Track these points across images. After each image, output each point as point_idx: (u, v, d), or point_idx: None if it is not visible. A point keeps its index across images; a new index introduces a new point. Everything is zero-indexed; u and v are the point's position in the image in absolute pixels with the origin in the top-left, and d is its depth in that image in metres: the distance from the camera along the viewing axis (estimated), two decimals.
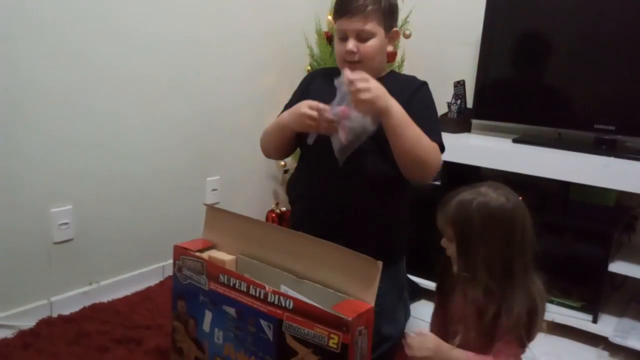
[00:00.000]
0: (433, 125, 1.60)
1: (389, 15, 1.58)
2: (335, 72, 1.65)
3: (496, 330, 1.20)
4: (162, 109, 2.17)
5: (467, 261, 1.23)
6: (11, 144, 1.73)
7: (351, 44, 1.55)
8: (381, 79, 1.63)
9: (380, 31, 1.57)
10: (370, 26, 1.54)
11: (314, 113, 1.47)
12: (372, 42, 1.56)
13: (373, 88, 1.41)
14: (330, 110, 1.45)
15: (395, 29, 1.63)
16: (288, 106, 1.79)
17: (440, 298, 1.43)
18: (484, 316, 1.21)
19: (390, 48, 1.64)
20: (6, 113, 1.71)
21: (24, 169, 1.78)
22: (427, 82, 1.73)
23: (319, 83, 1.74)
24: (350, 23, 1.54)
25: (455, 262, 1.27)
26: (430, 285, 1.49)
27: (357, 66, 1.56)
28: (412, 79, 1.71)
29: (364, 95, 1.40)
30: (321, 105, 1.47)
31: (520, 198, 1.28)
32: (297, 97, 1.77)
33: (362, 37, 1.55)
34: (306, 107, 1.50)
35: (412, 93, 1.61)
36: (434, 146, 1.54)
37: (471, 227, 1.21)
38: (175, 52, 2.17)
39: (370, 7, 1.52)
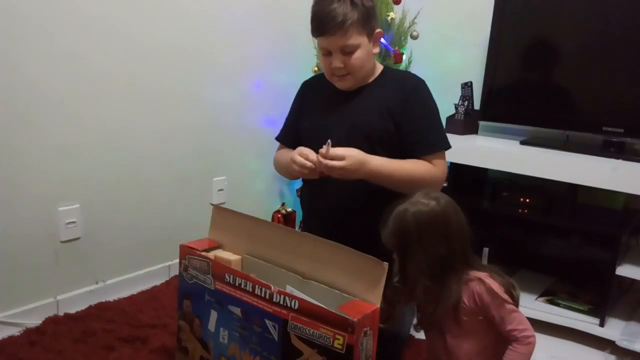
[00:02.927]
0: (434, 127, 1.59)
1: (367, 21, 1.52)
2: (325, 80, 1.64)
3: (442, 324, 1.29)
4: (168, 110, 2.18)
5: (406, 270, 1.30)
6: (20, 142, 1.74)
7: (337, 61, 1.53)
8: (374, 81, 1.62)
9: (363, 40, 1.52)
10: (353, 39, 1.50)
11: (304, 170, 1.50)
12: (357, 54, 1.52)
13: (346, 171, 1.43)
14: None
15: (377, 30, 1.57)
16: (288, 119, 1.80)
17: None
18: (425, 311, 1.30)
19: (376, 50, 1.59)
20: (16, 113, 1.72)
21: (32, 166, 1.79)
22: (434, 83, 1.71)
23: (310, 94, 1.73)
24: (332, 41, 1.50)
25: (396, 272, 1.32)
26: None
27: (347, 77, 1.56)
28: (407, 77, 1.66)
29: (338, 176, 1.44)
30: (308, 160, 1.49)
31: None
32: (294, 110, 1.78)
33: (347, 52, 1.52)
34: (294, 164, 1.52)
35: (408, 95, 1.58)
36: (428, 167, 1.53)
37: (408, 236, 1.27)
38: (182, 55, 2.18)
39: (349, 21, 1.47)
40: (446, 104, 2.43)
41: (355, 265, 1.28)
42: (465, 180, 2.24)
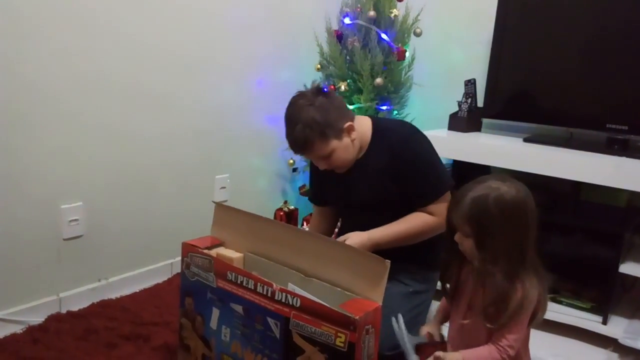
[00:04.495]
0: (429, 175, 1.67)
1: (328, 130, 1.61)
2: None
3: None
4: (171, 108, 2.18)
5: (487, 253, 1.25)
6: (22, 141, 1.75)
7: (322, 165, 1.69)
8: (367, 151, 1.73)
9: (332, 144, 1.63)
10: (321, 149, 1.62)
11: None
12: (335, 156, 1.65)
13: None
14: None
15: (346, 125, 1.64)
16: (311, 181, 1.98)
17: (449, 293, 1.42)
18: (510, 301, 1.22)
19: (353, 136, 1.67)
20: (18, 112, 1.72)
21: (35, 165, 1.79)
22: (437, 80, 1.75)
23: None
24: (308, 156, 1.69)
25: (474, 256, 1.27)
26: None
27: (338, 169, 1.71)
28: (395, 134, 1.72)
29: None
30: None
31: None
32: (313, 173, 1.93)
33: (325, 157, 1.65)
34: None
35: (398, 154, 1.66)
36: (425, 220, 1.66)
37: (489, 220, 1.23)
38: (184, 53, 2.17)
39: (309, 142, 1.60)
40: (449, 102, 2.42)
41: (357, 263, 1.28)
42: (468, 177, 2.21)
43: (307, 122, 1.58)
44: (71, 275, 1.95)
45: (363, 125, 1.73)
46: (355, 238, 1.59)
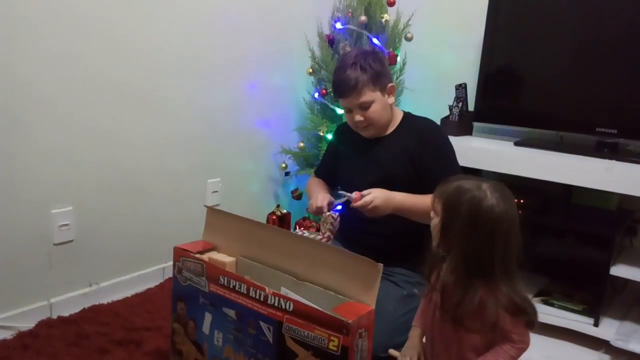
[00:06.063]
0: (448, 167, 1.74)
1: (378, 79, 1.73)
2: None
3: (463, 321, 1.22)
4: (162, 112, 2.17)
5: (445, 241, 1.26)
6: (13, 144, 1.74)
7: (358, 116, 1.75)
8: (396, 129, 1.83)
9: (376, 95, 1.73)
10: (366, 97, 1.71)
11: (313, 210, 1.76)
12: (373, 107, 1.73)
13: (377, 207, 1.62)
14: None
15: (390, 84, 1.78)
16: (326, 158, 2.08)
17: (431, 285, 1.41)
18: (447, 299, 1.23)
19: (391, 100, 1.79)
20: (9, 115, 1.71)
21: (25, 169, 1.78)
22: (428, 84, 1.78)
23: (346, 139, 1.92)
24: (349, 101, 1.74)
25: (435, 237, 1.29)
26: None
27: (369, 127, 1.77)
28: (424, 126, 1.83)
29: (372, 214, 1.63)
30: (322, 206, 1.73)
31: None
32: (332, 151, 2.01)
33: (364, 107, 1.73)
34: (312, 207, 1.76)
35: (425, 143, 1.76)
36: None
37: (458, 215, 1.23)
38: (176, 57, 2.17)
39: (360, 83, 1.70)
40: (440, 106, 2.44)
41: (349, 266, 1.28)
42: None
43: (363, 65, 1.71)
44: (62, 280, 1.93)
45: (395, 107, 1.87)
46: (379, 193, 1.63)
